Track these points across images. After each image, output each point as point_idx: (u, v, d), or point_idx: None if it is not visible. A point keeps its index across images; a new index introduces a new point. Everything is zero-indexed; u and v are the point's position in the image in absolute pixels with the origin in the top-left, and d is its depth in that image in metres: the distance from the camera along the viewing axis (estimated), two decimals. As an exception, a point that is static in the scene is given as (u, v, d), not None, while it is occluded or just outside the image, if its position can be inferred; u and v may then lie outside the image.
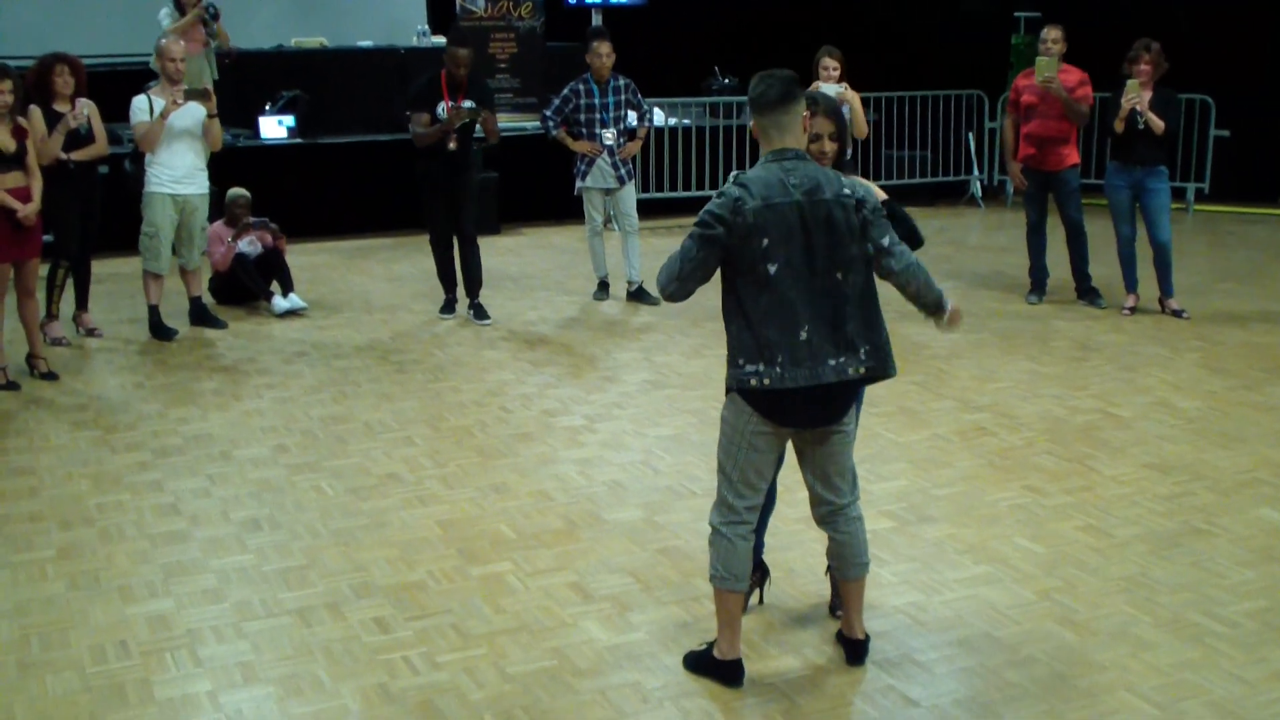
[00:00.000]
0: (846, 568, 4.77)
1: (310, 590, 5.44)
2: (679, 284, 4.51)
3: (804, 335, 4.38)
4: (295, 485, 6.61)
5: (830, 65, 9.80)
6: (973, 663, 4.83)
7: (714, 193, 4.67)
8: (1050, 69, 9.76)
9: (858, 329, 4.46)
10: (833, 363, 4.41)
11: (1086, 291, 10.29)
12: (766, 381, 4.39)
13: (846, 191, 4.44)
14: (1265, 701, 4.56)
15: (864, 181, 4.67)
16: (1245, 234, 13.52)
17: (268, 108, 13.07)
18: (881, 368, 4.53)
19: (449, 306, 10.01)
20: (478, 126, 9.62)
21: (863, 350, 4.46)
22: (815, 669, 4.79)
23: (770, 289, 4.38)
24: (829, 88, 9.66)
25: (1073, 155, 10.14)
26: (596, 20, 14.20)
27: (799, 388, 4.39)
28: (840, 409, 4.55)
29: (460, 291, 10.02)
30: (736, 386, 4.48)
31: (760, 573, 5.23)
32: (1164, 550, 5.79)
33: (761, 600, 5.27)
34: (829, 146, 4.88)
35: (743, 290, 4.43)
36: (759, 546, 5.06)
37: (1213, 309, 10.12)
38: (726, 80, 15.30)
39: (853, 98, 9.75)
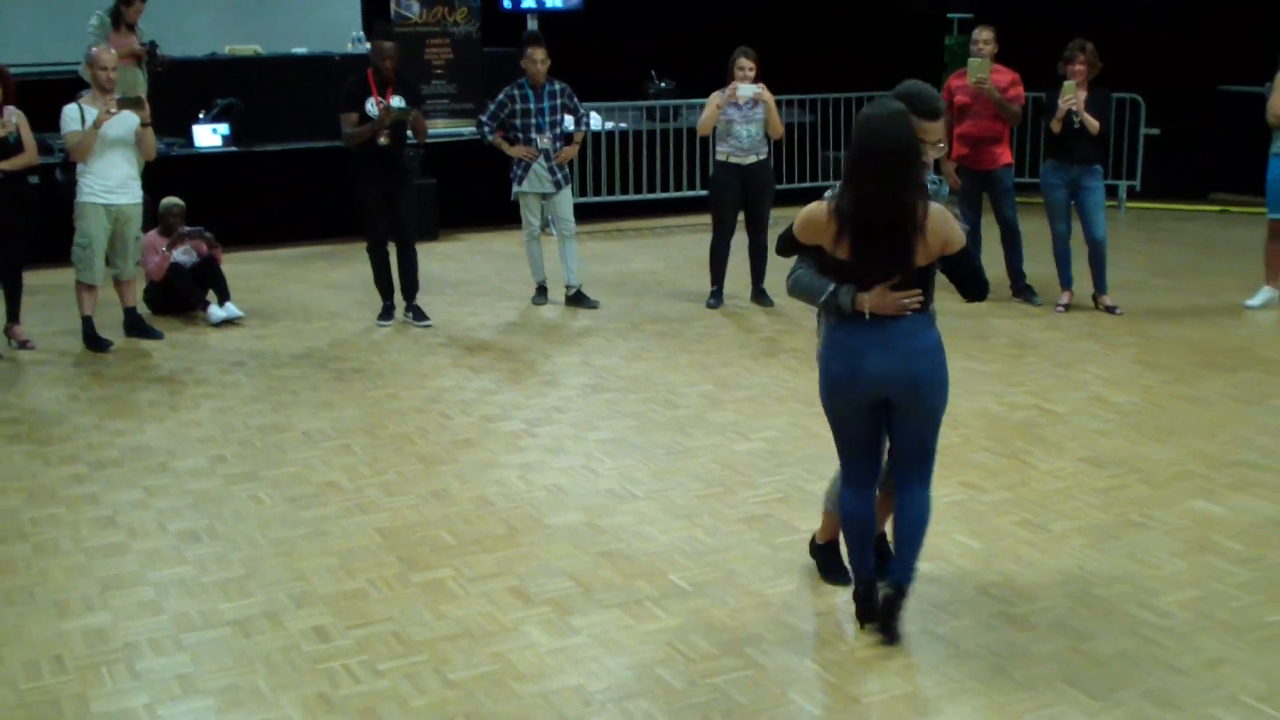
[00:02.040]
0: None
1: (249, 600, 5.40)
2: None
3: None
4: (234, 495, 6.56)
5: (746, 65, 9.93)
6: (913, 659, 4.86)
7: (649, 196, 4.83)
8: (982, 70, 9.86)
9: None
10: None
11: (1022, 289, 10.39)
12: None
13: None
14: (1199, 689, 4.62)
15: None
16: (1177, 230, 13.70)
17: (202, 116, 12.99)
18: None
19: (387, 313, 9.96)
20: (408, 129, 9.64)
21: None
22: (755, 667, 4.80)
23: None
24: (746, 88, 9.81)
25: (1006, 155, 10.25)
26: (532, 25, 14.18)
27: None
28: None
29: (398, 296, 9.98)
30: None
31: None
32: (1100, 543, 5.86)
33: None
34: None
35: None
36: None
37: (1146, 305, 10.25)
38: (664, 84, 15.34)
39: (768, 98, 9.93)
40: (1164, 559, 5.69)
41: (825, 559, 5.53)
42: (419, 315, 9.86)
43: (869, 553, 5.06)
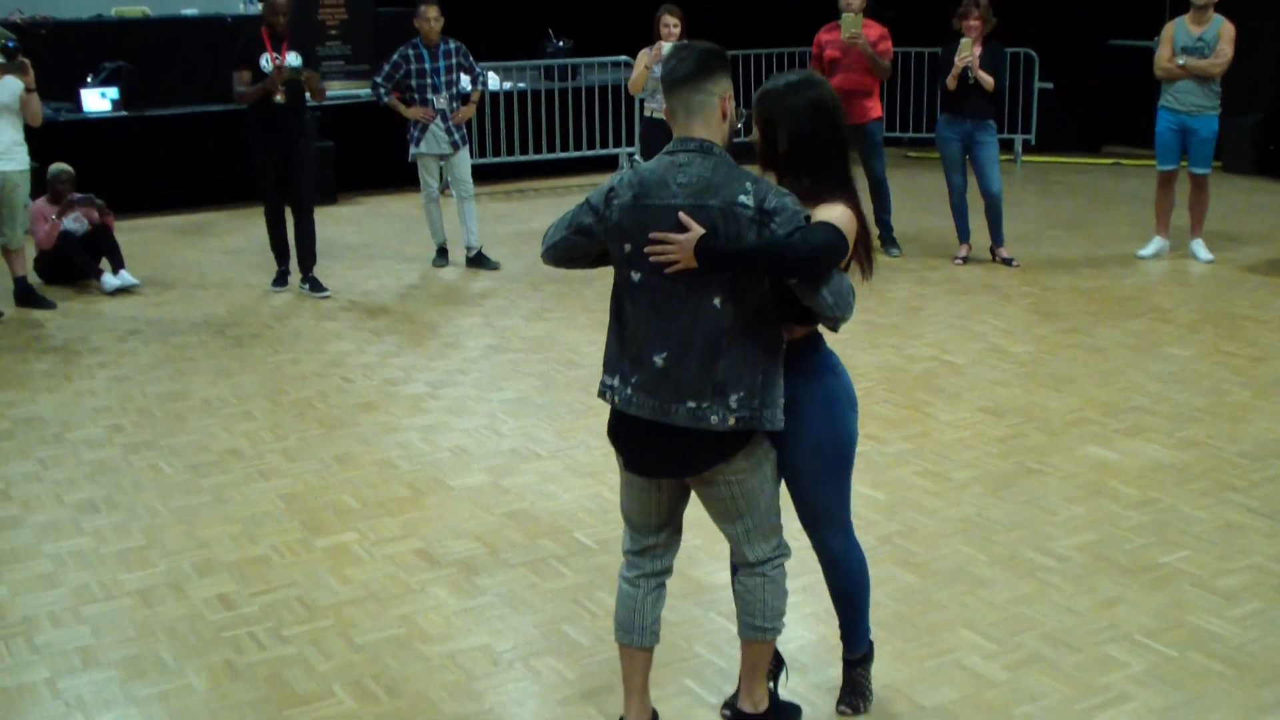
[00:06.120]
0: (738, 622, 4.09)
1: (151, 570, 5.34)
2: (546, 248, 3.87)
3: (660, 363, 3.68)
4: (132, 465, 6.46)
5: (671, 22, 9.87)
6: (818, 608, 4.91)
7: (548, 156, 4.46)
8: (855, 25, 9.88)
9: (733, 369, 3.65)
10: (691, 405, 3.66)
11: (887, 240, 10.52)
12: (616, 400, 3.82)
13: (743, 199, 3.58)
14: (1094, 630, 4.73)
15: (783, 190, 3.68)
16: (1071, 183, 13.88)
17: (89, 80, 12.70)
18: (755, 418, 3.69)
19: (281, 279, 9.82)
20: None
21: (734, 397, 3.65)
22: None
23: (634, 298, 3.73)
24: (671, 46, 9.74)
25: (876, 108, 10.31)
26: (427, -16, 14.02)
27: (645, 420, 3.74)
28: (696, 462, 3.76)
29: (294, 264, 9.83)
30: (600, 395, 3.93)
31: (776, 661, 4.34)
32: (999, 491, 5.95)
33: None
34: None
35: (617, 290, 3.82)
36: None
37: (1041, 256, 10.39)
38: (561, 43, 15.25)
39: None
40: (1060, 504, 5.80)
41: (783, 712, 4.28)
42: (316, 286, 9.68)
43: None
